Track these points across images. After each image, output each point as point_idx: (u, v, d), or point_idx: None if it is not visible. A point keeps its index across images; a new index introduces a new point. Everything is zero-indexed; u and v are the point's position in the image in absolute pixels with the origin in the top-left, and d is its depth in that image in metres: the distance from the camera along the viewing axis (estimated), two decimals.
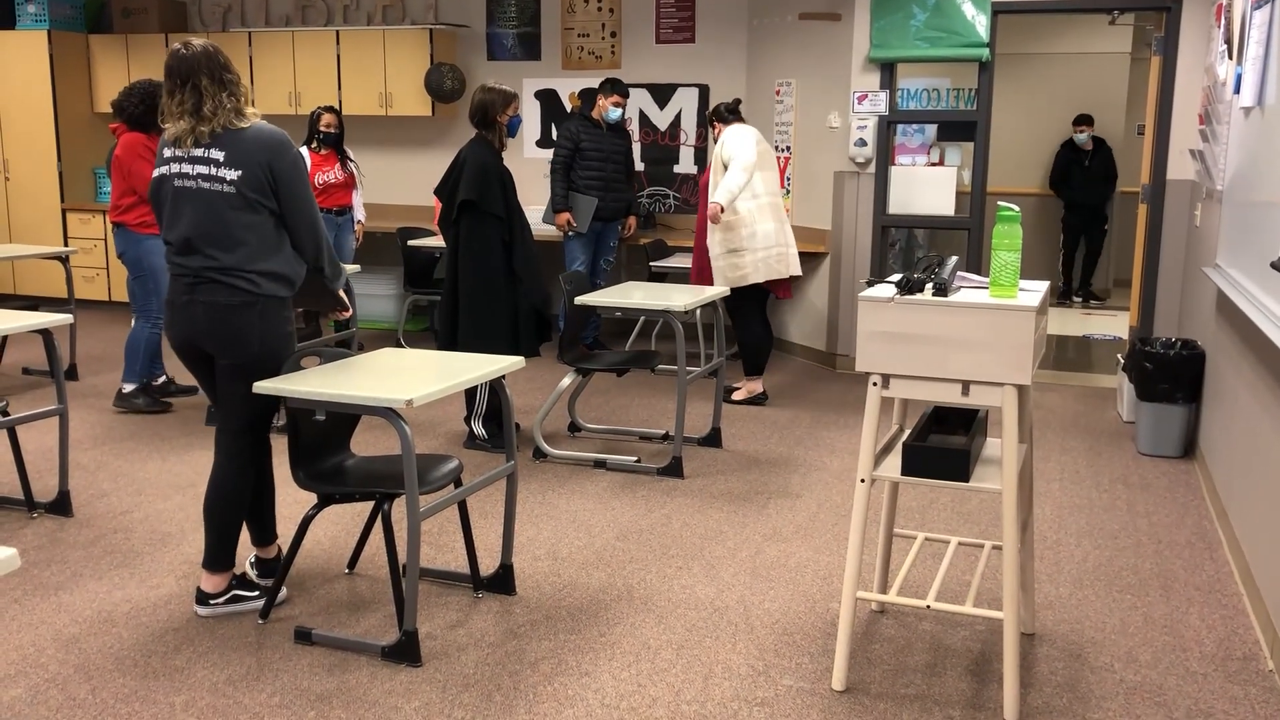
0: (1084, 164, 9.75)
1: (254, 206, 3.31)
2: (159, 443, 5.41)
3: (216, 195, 3.31)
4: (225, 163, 3.30)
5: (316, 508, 3.42)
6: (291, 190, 3.36)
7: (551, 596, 3.69)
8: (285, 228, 3.40)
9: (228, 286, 3.32)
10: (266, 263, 3.33)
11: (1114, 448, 5.51)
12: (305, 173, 3.41)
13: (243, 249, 3.31)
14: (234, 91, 3.36)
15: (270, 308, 3.36)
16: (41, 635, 3.37)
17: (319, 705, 2.97)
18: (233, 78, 3.36)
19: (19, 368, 6.99)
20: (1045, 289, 3.12)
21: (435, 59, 8.28)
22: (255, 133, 3.34)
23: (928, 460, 2.96)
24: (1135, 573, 3.94)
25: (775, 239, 5.98)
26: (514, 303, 5.08)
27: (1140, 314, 6.63)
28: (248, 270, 3.31)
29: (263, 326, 3.35)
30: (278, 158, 3.33)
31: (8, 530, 4.24)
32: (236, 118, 3.34)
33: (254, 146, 3.31)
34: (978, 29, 6.52)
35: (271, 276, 3.35)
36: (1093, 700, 3.05)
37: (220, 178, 3.30)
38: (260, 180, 3.31)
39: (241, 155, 3.30)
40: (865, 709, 2.99)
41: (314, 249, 3.45)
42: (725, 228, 5.96)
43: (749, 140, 5.90)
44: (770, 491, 4.79)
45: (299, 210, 3.38)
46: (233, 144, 3.31)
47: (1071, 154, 9.80)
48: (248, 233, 3.31)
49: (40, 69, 8.82)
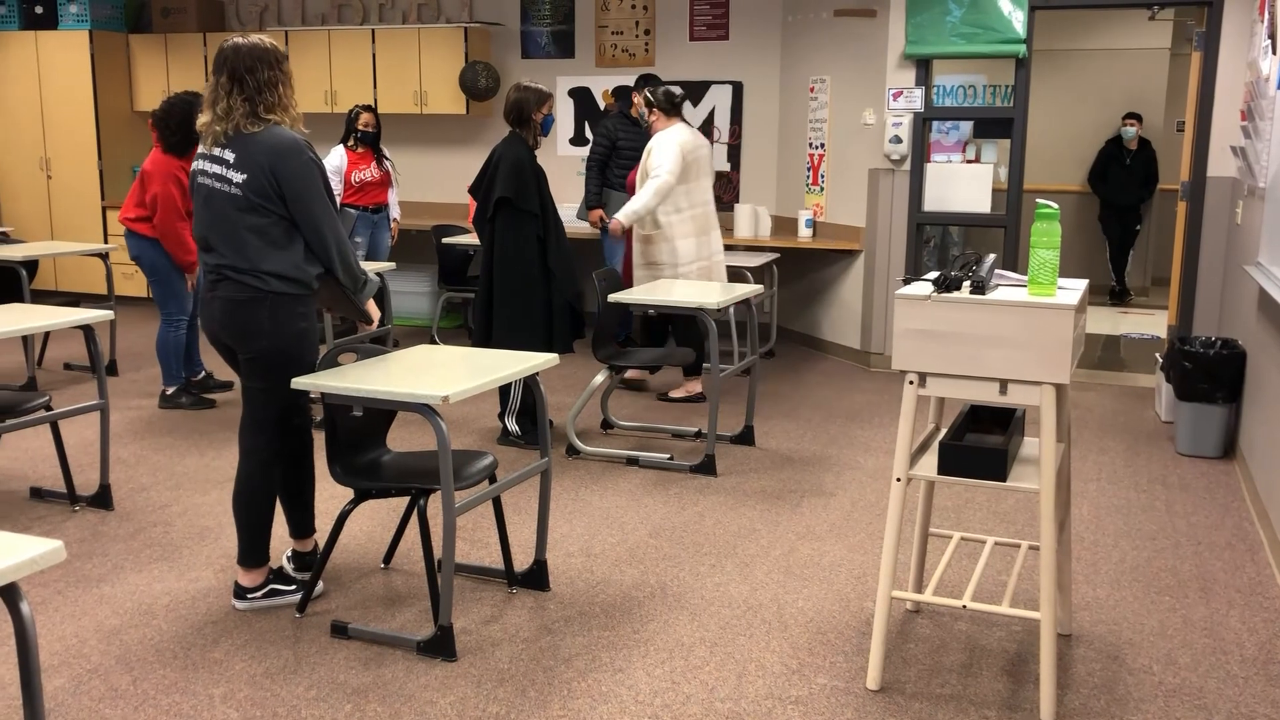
0: (1125, 162, 9.63)
1: (259, 209, 3.32)
2: (197, 438, 5.47)
3: (225, 196, 3.34)
4: (234, 165, 3.33)
5: (353, 502, 3.45)
6: (297, 196, 3.33)
7: (585, 593, 3.70)
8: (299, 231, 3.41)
9: (238, 284, 3.36)
10: (272, 263, 3.34)
11: (1152, 448, 5.45)
12: (315, 179, 3.37)
13: (249, 249, 3.33)
14: (253, 97, 3.33)
15: (282, 304, 3.38)
16: (84, 626, 3.42)
17: (355, 699, 3.00)
18: (255, 81, 3.32)
19: (61, 363, 7.10)
20: (1084, 287, 3.10)
21: (470, 57, 8.31)
22: (265, 137, 3.33)
23: (965, 459, 2.94)
24: (1174, 574, 3.90)
25: (696, 253, 5.91)
26: (548, 299, 5.10)
27: (1179, 312, 6.55)
28: (255, 270, 3.34)
29: (273, 323, 3.37)
30: (282, 163, 3.31)
31: (51, 523, 4.30)
32: (250, 121, 3.33)
33: (260, 151, 3.31)
34: (1015, 25, 6.47)
35: (278, 277, 3.35)
36: (1131, 703, 3.02)
37: (229, 179, 3.33)
38: (264, 185, 3.31)
39: (248, 159, 3.32)
40: (900, 708, 2.98)
41: (324, 254, 3.42)
42: (644, 240, 5.94)
43: (675, 152, 5.69)
44: (804, 490, 4.77)
45: (305, 216, 3.36)
46: (242, 147, 3.33)
47: (1114, 150, 9.67)
48: (252, 234, 3.33)
49: (81, 68, 8.94)
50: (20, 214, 9.38)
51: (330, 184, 3.46)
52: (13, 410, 4.28)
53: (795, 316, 7.94)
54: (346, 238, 3.49)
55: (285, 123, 3.40)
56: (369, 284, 3.58)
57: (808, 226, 7.43)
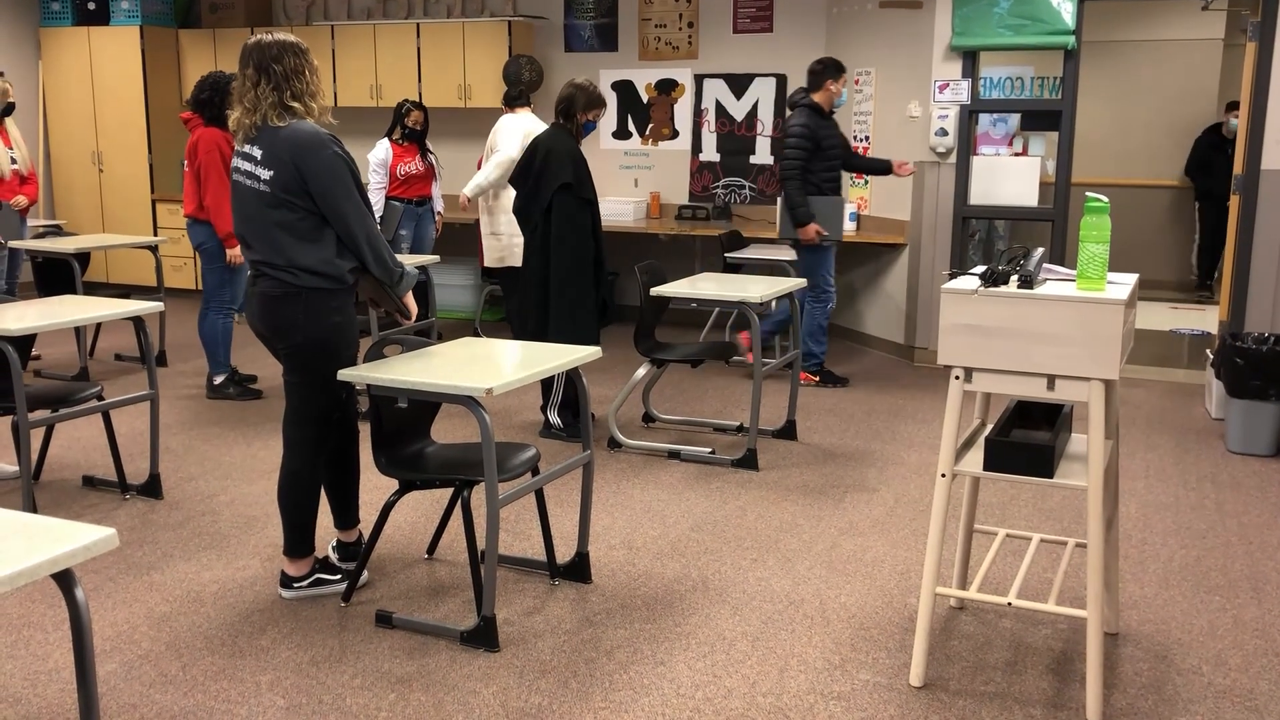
0: (1227, 153, 9.39)
1: (287, 205, 3.33)
2: (244, 428, 5.54)
3: (255, 193, 3.36)
4: (261, 161, 3.34)
5: (398, 494, 3.48)
6: (324, 191, 3.32)
7: (626, 585, 3.70)
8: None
9: (274, 279, 3.38)
10: (304, 258, 3.35)
11: (1202, 445, 5.36)
12: (342, 174, 3.34)
13: (281, 244, 3.34)
14: (280, 84, 3.32)
15: (315, 299, 3.39)
16: (135, 613, 3.48)
17: (399, 687, 3.03)
18: (282, 69, 3.32)
19: (111, 354, 7.22)
20: (1134, 282, 3.05)
21: (513, 51, 8.34)
22: (289, 132, 3.33)
23: (1012, 455, 2.91)
24: (1224, 574, 3.83)
25: None
26: (599, 288, 5.12)
27: (1231, 308, 6.43)
28: (289, 265, 3.36)
29: (308, 317, 3.39)
30: (308, 159, 3.30)
31: (103, 511, 4.38)
32: (278, 112, 3.33)
33: (285, 147, 3.31)
34: (1064, 16, 6.38)
35: (310, 271, 3.36)
36: (1180, 703, 2.98)
37: (257, 176, 3.35)
38: (289, 180, 3.31)
39: (274, 155, 3.32)
40: (944, 705, 2.96)
41: (354, 248, 3.40)
42: (487, 211, 6.25)
43: (517, 137, 6.01)
44: (846, 485, 4.75)
45: (333, 211, 3.35)
46: (269, 143, 3.33)
47: (1215, 140, 9.41)
48: (281, 230, 3.34)
49: (132, 64, 9.07)
50: (73, 207, 9.54)
51: (360, 177, 3.41)
52: (67, 400, 4.36)
53: (838, 311, 7.88)
54: (378, 231, 3.45)
55: (314, 111, 3.39)
56: (406, 277, 3.54)
57: (851, 220, 7.37)
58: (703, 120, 8.31)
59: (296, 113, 3.36)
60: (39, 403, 4.29)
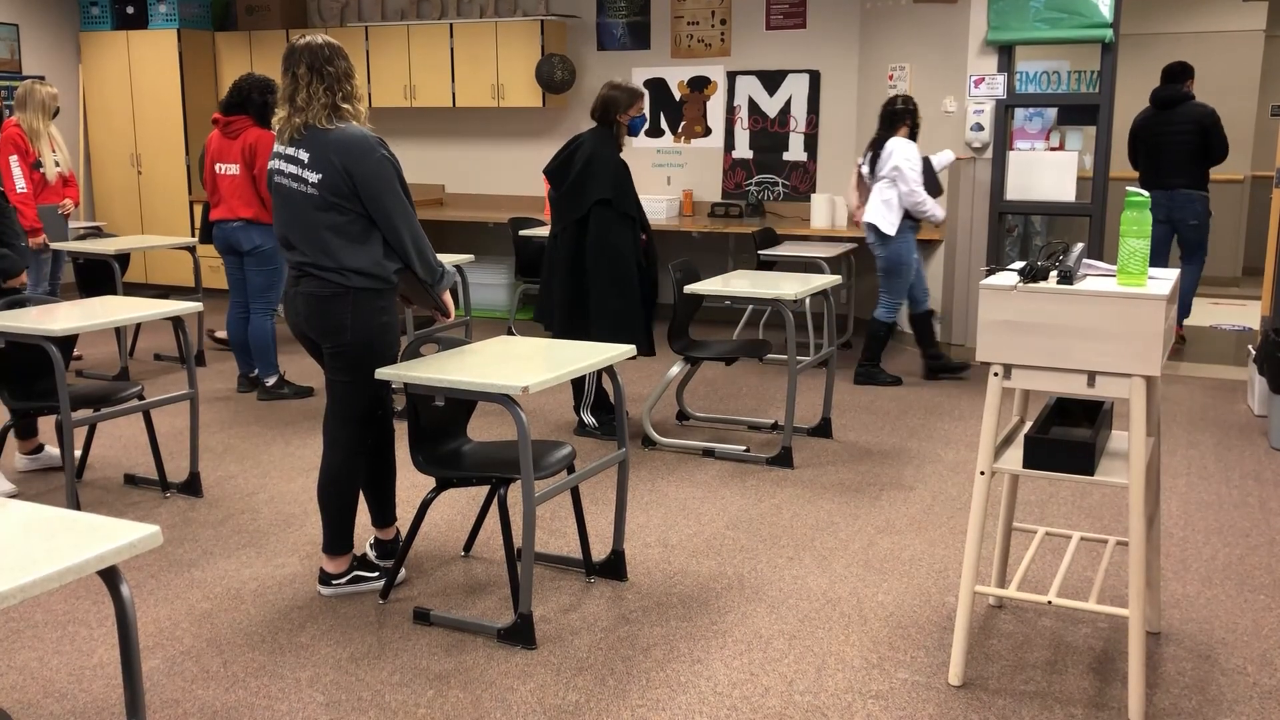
0: None
1: (337, 208, 3.34)
2: (282, 427, 5.59)
3: (301, 196, 3.37)
4: (309, 165, 3.34)
5: (435, 491, 3.50)
6: (371, 194, 3.34)
7: (662, 583, 3.70)
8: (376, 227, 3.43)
9: (321, 280, 3.39)
10: (352, 260, 3.36)
11: (1245, 442, 5.28)
12: (391, 176, 3.36)
13: (330, 247, 3.35)
14: (333, 85, 3.34)
15: (364, 299, 3.41)
16: (177, 610, 3.52)
17: (437, 684, 3.04)
18: (335, 70, 3.35)
19: (151, 354, 7.30)
20: (1175, 277, 3.01)
21: (546, 50, 8.36)
22: (339, 135, 3.34)
23: (1051, 453, 2.88)
24: (1269, 573, 3.78)
25: None
26: (644, 294, 5.09)
27: (1273, 303, 6.33)
28: (339, 267, 3.37)
29: (355, 317, 3.40)
30: (357, 162, 3.32)
31: (144, 509, 4.43)
32: (328, 116, 3.34)
33: (334, 150, 3.32)
34: (1101, 9, 6.30)
35: (359, 273, 3.38)
36: (1224, 704, 2.94)
37: (304, 179, 3.35)
38: (338, 184, 3.32)
39: (322, 158, 3.33)
40: (983, 704, 2.94)
41: (401, 250, 3.43)
42: None
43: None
44: (882, 483, 4.72)
45: (381, 213, 3.36)
46: (317, 146, 3.34)
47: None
48: (331, 232, 3.35)
49: (170, 66, 9.18)
50: (113, 209, 9.66)
51: (404, 178, 3.44)
52: (109, 400, 4.42)
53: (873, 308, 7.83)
54: (422, 231, 3.49)
55: (361, 114, 3.43)
56: (446, 276, 3.57)
57: None
58: (735, 117, 8.30)
59: (345, 115, 3.38)
60: (82, 402, 4.35)
